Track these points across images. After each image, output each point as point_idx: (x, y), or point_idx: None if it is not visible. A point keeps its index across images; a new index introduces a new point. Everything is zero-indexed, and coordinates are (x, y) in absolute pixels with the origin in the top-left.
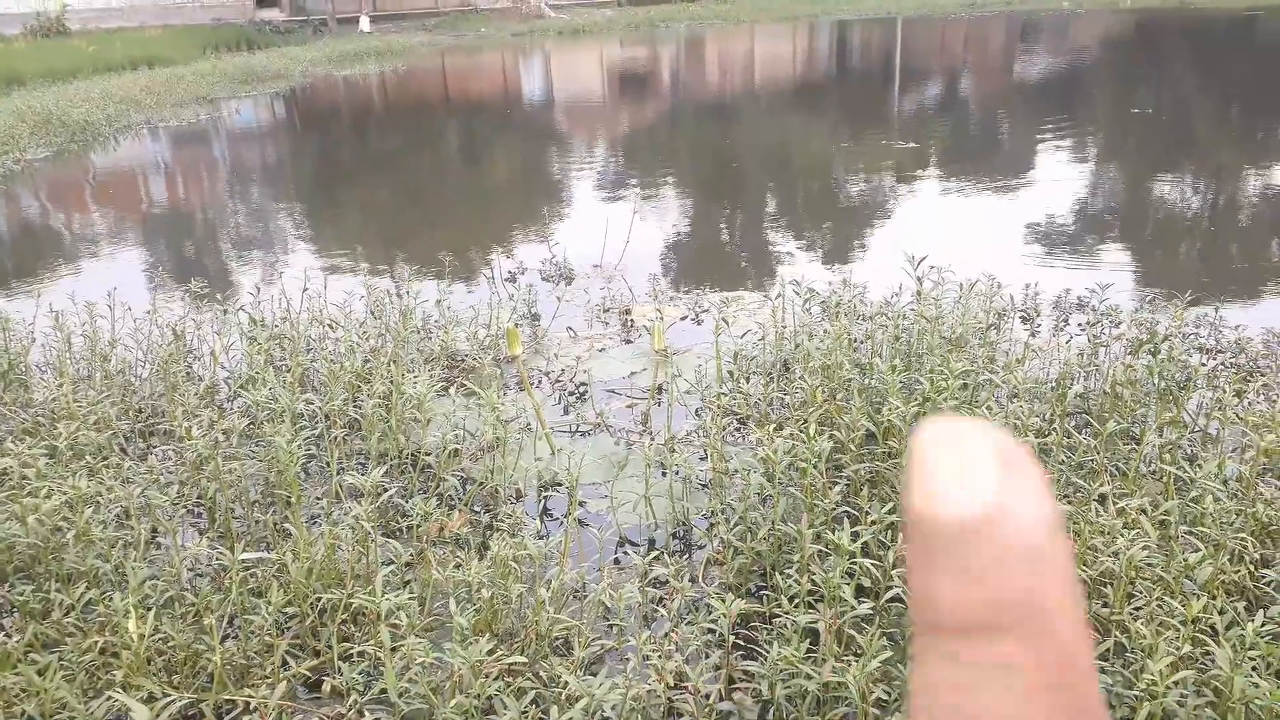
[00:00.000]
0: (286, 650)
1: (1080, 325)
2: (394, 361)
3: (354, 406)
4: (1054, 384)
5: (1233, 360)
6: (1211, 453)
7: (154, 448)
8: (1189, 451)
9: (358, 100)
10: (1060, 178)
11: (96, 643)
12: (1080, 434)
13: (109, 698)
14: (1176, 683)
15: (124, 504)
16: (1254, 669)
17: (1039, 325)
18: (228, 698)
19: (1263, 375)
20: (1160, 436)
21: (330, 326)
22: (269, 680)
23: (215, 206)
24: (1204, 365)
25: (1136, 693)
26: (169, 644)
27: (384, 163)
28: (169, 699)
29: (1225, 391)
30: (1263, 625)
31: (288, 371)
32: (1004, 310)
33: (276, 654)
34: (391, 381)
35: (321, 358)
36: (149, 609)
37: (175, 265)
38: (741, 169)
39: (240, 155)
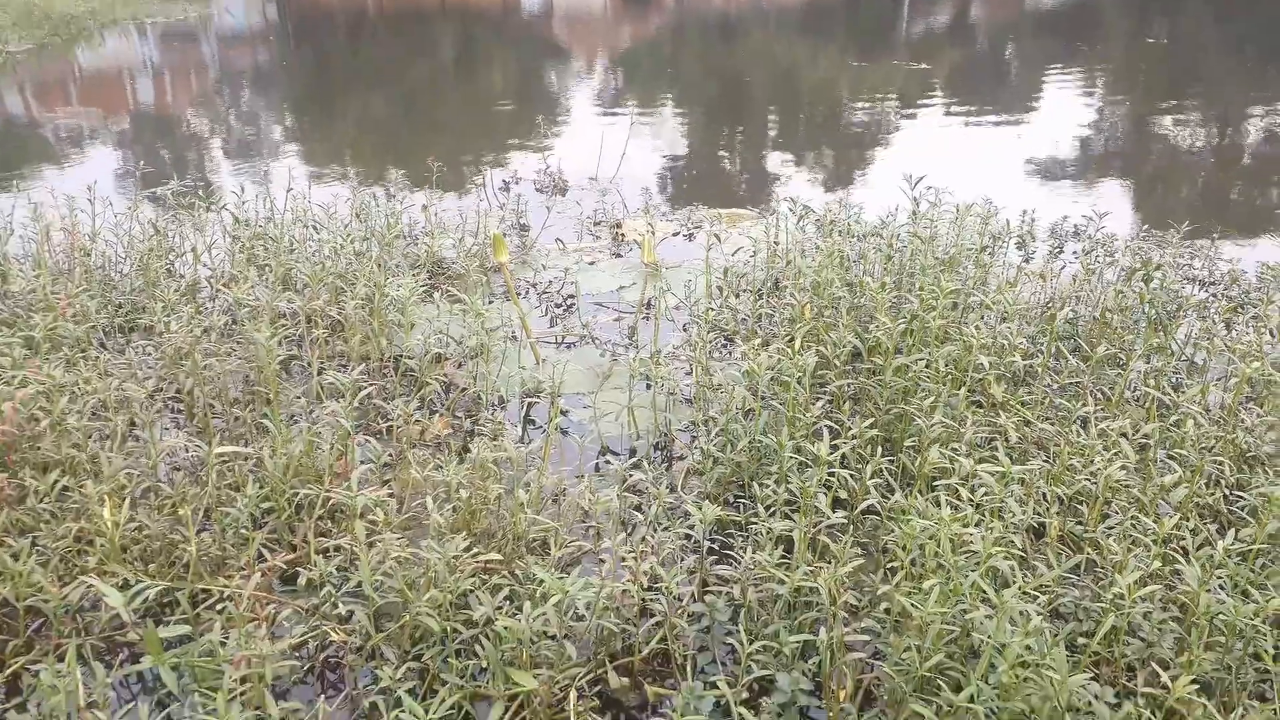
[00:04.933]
0: (263, 543)
1: (1075, 252)
2: (378, 265)
3: (336, 308)
4: (1044, 308)
5: (1224, 292)
6: (1196, 380)
7: (133, 343)
8: (1174, 380)
9: (352, 3)
10: (1067, 105)
11: (71, 529)
12: (1069, 358)
13: (83, 583)
14: (1144, 597)
15: (101, 396)
16: (1220, 587)
17: (1034, 250)
18: (203, 587)
19: (1254, 307)
20: (1147, 363)
21: (314, 228)
22: (244, 572)
23: (201, 107)
24: (1195, 296)
25: (1103, 605)
26: (144, 533)
27: (377, 69)
28: (143, 585)
29: (1214, 322)
30: (1232, 544)
31: (270, 271)
32: (999, 234)
33: (252, 547)
34: (375, 284)
35: (305, 259)
36: (125, 499)
37: (159, 163)
38: (743, 86)
39: (229, 56)
